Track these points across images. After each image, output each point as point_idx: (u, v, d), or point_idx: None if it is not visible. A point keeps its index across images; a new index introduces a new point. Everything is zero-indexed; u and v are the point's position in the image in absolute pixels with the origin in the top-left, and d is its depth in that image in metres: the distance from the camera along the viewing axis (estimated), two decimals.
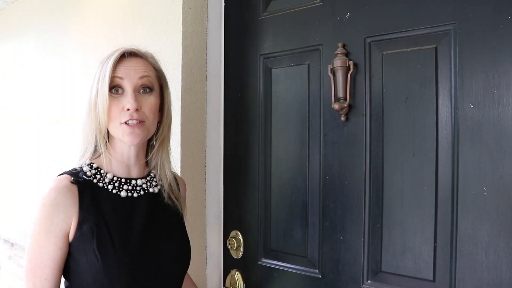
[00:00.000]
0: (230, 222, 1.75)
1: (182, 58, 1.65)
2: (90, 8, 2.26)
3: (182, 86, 1.64)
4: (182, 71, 1.64)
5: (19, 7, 3.11)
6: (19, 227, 3.00)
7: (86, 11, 2.30)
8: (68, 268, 1.10)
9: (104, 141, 1.14)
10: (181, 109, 1.64)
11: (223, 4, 1.78)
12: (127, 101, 1.11)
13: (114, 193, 1.15)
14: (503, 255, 1.11)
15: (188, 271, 1.34)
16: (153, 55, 1.24)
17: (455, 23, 1.20)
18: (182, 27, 1.65)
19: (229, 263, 1.74)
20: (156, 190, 1.23)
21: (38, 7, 2.83)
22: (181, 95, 1.64)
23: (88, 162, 1.16)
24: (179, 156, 1.64)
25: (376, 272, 1.34)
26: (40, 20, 2.79)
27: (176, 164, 1.63)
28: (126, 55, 1.15)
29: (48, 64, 2.68)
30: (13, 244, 3.15)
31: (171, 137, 1.27)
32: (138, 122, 1.11)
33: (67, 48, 2.47)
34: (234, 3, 1.75)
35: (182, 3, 1.65)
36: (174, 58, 1.67)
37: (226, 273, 1.75)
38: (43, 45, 2.75)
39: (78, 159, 1.18)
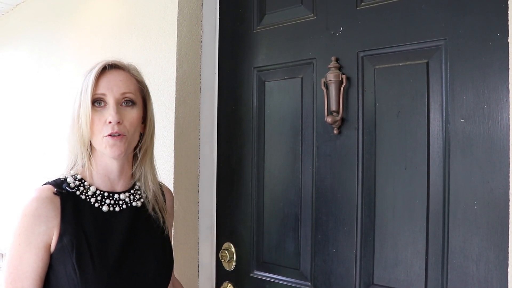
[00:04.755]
0: (223, 234, 1.74)
1: (177, 70, 1.65)
2: (85, 18, 2.27)
3: (176, 98, 1.65)
4: (176, 83, 1.65)
5: (13, 17, 3.11)
6: (7, 237, 2.96)
7: (81, 21, 2.31)
8: (48, 280, 1.08)
9: (87, 154, 1.14)
10: (175, 121, 1.64)
11: (218, 17, 1.79)
12: (109, 113, 1.10)
13: (96, 207, 1.14)
14: (493, 268, 1.12)
15: (181, 283, 1.34)
16: (136, 66, 1.22)
17: (446, 38, 1.22)
18: (177, 39, 1.66)
19: (221, 275, 1.74)
20: (139, 203, 1.21)
21: (33, 16, 2.83)
22: (175, 107, 1.65)
23: (72, 172, 1.16)
24: (172, 167, 1.64)
25: (368, 284, 1.34)
26: (34, 30, 2.80)
27: (169, 175, 1.63)
28: (108, 68, 1.15)
29: (43, 73, 2.68)
30: (2, 254, 3.11)
31: (164, 149, 1.27)
32: (118, 135, 1.11)
33: (61, 58, 2.48)
34: (228, 16, 1.76)
35: (177, 16, 1.66)
36: (168, 70, 1.67)
37: (218, 285, 1.74)
38: (37, 54, 2.75)
39: (66, 172, 1.17)
